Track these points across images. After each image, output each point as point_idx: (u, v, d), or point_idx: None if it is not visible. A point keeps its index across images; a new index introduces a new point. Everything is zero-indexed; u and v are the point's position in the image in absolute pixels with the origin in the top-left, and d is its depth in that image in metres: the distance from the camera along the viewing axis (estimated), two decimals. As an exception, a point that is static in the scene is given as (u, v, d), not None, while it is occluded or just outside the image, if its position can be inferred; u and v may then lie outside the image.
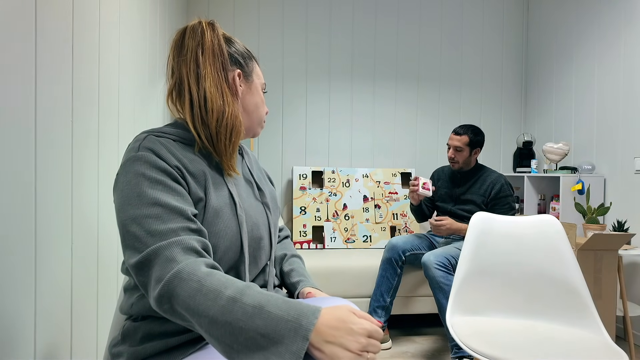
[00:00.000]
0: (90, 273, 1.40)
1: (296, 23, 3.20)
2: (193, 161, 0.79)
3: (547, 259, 1.49)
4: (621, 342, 2.36)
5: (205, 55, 0.81)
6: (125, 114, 1.72)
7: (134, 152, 0.75)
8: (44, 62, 1.10)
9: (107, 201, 1.54)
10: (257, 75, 0.92)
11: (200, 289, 0.62)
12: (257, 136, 0.96)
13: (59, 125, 1.18)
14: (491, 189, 2.26)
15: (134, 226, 0.68)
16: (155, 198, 0.70)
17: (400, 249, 2.23)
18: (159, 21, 2.25)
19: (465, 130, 2.31)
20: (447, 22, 3.35)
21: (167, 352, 0.77)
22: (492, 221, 1.61)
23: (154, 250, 0.66)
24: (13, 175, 0.97)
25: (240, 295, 0.62)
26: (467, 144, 2.29)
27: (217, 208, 0.78)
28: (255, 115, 0.91)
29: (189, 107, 0.81)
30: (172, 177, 0.74)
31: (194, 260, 0.66)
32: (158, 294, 0.64)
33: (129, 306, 0.81)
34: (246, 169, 0.95)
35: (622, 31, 2.49)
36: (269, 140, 3.20)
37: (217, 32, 0.84)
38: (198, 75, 0.80)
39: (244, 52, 0.90)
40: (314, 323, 0.59)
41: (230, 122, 0.81)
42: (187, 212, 0.71)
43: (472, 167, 2.36)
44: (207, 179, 0.79)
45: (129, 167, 0.73)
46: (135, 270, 0.68)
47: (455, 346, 1.93)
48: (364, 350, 0.60)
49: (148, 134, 0.78)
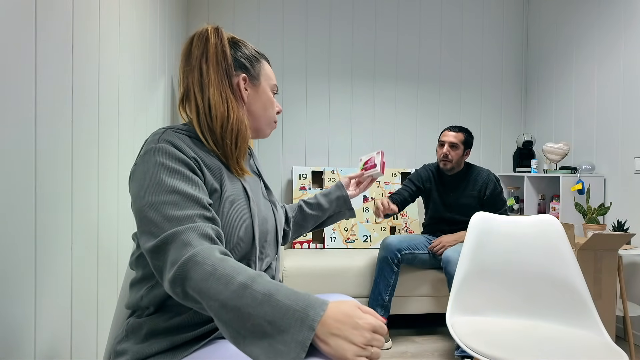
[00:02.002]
0: (90, 272, 1.40)
1: (296, 24, 3.20)
2: (209, 156, 0.83)
3: (547, 259, 1.49)
4: (621, 342, 2.36)
5: (209, 62, 0.84)
6: (125, 114, 1.72)
7: (153, 144, 0.78)
8: (44, 62, 1.10)
9: (107, 200, 1.54)
10: (266, 77, 0.93)
11: (214, 273, 0.64)
12: (266, 137, 0.99)
13: (59, 125, 1.18)
14: (485, 188, 2.26)
15: (151, 212, 0.71)
16: (173, 186, 0.73)
17: (395, 247, 2.23)
18: (159, 21, 2.25)
19: (460, 128, 2.31)
20: (447, 22, 3.35)
21: (171, 350, 0.78)
22: (492, 221, 1.61)
23: (171, 234, 0.68)
24: (13, 175, 0.97)
25: (251, 282, 0.63)
26: (462, 142, 2.27)
27: (231, 199, 0.81)
28: (263, 117, 0.93)
29: (195, 114, 0.84)
30: (190, 167, 0.77)
31: (209, 246, 0.68)
32: (172, 276, 0.66)
33: (139, 299, 0.82)
34: (254, 167, 0.99)
35: (622, 31, 2.49)
36: (269, 140, 3.20)
37: (222, 37, 0.86)
38: (202, 83, 0.83)
39: (250, 55, 0.91)
40: (321, 315, 0.60)
41: (235, 128, 0.84)
42: (203, 201, 0.74)
43: (461, 169, 2.34)
44: (222, 172, 0.82)
45: (149, 158, 0.76)
46: (150, 254, 0.70)
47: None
48: (368, 344, 0.61)
49: (167, 129, 0.81)
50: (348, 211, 1.18)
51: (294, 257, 2.45)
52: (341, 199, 1.17)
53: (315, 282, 2.31)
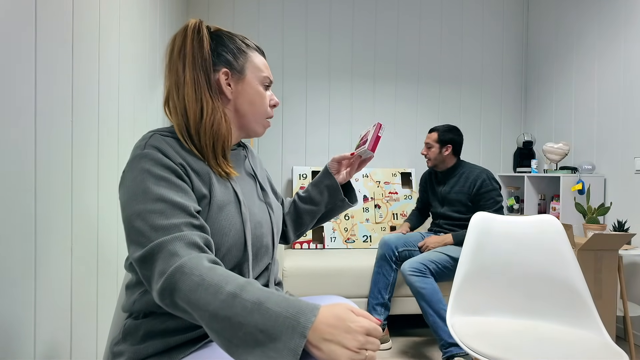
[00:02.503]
0: (90, 272, 1.40)
1: (296, 23, 3.20)
2: (197, 160, 0.80)
3: (548, 259, 1.49)
4: (621, 342, 2.36)
5: (186, 60, 0.81)
6: (125, 114, 1.72)
7: (140, 149, 0.76)
8: (44, 62, 1.10)
9: (107, 200, 1.54)
10: (254, 69, 0.87)
11: (202, 283, 0.63)
12: (259, 136, 0.93)
13: (59, 125, 1.18)
14: (473, 185, 2.27)
15: (138, 221, 0.70)
16: (159, 194, 0.71)
17: (393, 244, 2.27)
18: (159, 21, 2.25)
19: (435, 128, 2.39)
20: (447, 21, 3.35)
21: (167, 351, 0.77)
22: (492, 221, 1.61)
23: (157, 245, 0.68)
24: (13, 174, 0.97)
25: (240, 291, 0.62)
26: (435, 141, 2.35)
27: (221, 205, 0.79)
28: (251, 114, 0.88)
29: (174, 115, 0.82)
30: (177, 174, 0.75)
31: (197, 255, 0.67)
32: (160, 287, 0.65)
33: (132, 303, 0.82)
34: (249, 168, 0.95)
35: (622, 30, 2.49)
36: (269, 140, 3.20)
37: (202, 32, 0.83)
38: (178, 83, 0.81)
39: (234, 47, 0.86)
40: (312, 321, 0.59)
41: (208, 127, 0.80)
42: (190, 209, 0.73)
43: (450, 165, 2.38)
44: (211, 176, 0.80)
45: (135, 164, 0.75)
46: (139, 264, 0.69)
47: (443, 345, 1.93)
48: (362, 347, 0.60)
49: (154, 133, 0.80)
50: (342, 203, 1.08)
51: (294, 257, 2.45)
52: (331, 188, 1.06)
53: (315, 282, 2.31)
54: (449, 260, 2.13)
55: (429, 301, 1.98)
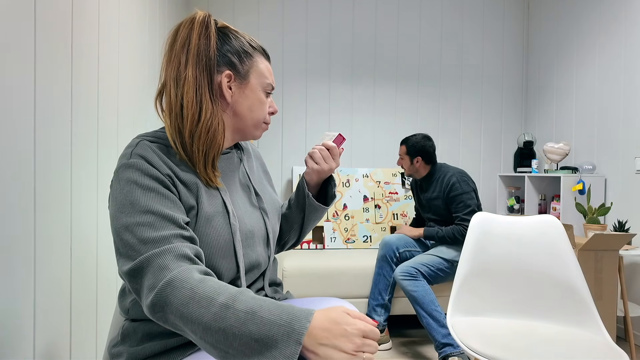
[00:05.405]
0: (89, 273, 1.39)
1: (296, 23, 3.20)
2: (185, 169, 0.77)
3: (548, 259, 1.49)
4: (622, 342, 2.36)
5: (190, 55, 0.76)
6: (124, 114, 1.72)
7: (125, 159, 0.73)
8: (44, 62, 1.10)
9: (106, 200, 1.53)
10: (258, 75, 0.83)
11: (193, 296, 0.62)
12: (256, 139, 0.88)
13: (59, 125, 1.18)
14: (445, 189, 2.24)
15: (126, 234, 0.68)
16: (147, 206, 0.69)
17: (394, 245, 2.27)
18: (159, 21, 2.25)
19: (406, 140, 2.35)
20: (447, 22, 3.34)
21: (166, 352, 0.77)
22: (492, 222, 1.60)
23: (146, 258, 0.66)
24: (13, 175, 0.97)
25: (232, 302, 0.61)
26: (405, 153, 2.34)
27: (209, 216, 0.76)
28: (249, 118, 0.83)
29: (168, 111, 0.77)
30: (164, 184, 0.73)
31: (187, 267, 0.66)
32: (151, 302, 0.64)
33: (126, 310, 0.82)
34: (244, 173, 0.91)
35: (623, 31, 2.49)
36: (269, 140, 3.19)
37: (210, 28, 0.77)
38: (178, 78, 0.76)
39: (240, 49, 0.81)
40: (307, 326, 0.59)
41: (204, 132, 0.75)
42: (179, 220, 0.71)
43: (426, 173, 2.36)
44: (199, 187, 0.77)
45: (122, 175, 0.72)
46: (128, 278, 0.67)
47: (438, 346, 1.93)
48: (359, 350, 0.59)
49: (141, 140, 0.76)
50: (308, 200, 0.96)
51: (294, 258, 2.45)
52: (300, 188, 0.97)
53: (315, 282, 2.31)
54: (442, 262, 2.13)
55: (421, 303, 1.99)
